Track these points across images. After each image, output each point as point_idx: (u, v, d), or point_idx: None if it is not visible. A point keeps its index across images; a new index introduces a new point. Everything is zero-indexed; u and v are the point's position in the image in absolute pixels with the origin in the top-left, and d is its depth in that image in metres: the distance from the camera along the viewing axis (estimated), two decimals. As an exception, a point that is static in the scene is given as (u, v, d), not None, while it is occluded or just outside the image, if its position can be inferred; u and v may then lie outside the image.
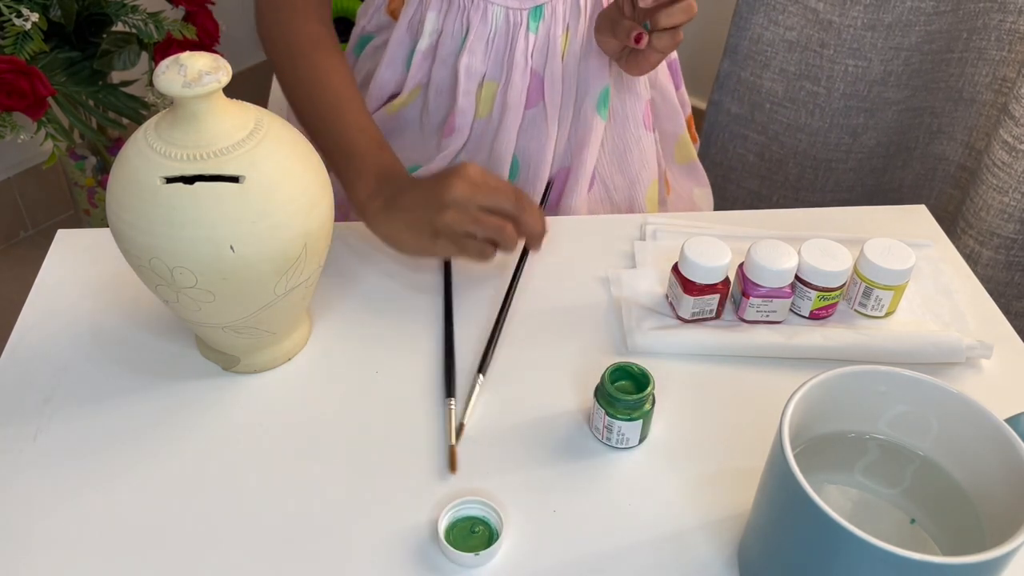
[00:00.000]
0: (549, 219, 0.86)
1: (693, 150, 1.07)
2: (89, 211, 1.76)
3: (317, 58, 0.81)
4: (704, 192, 1.07)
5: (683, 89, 1.05)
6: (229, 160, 0.57)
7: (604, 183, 0.96)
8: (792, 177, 1.42)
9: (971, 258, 1.23)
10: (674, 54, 1.03)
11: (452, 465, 0.63)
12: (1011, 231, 1.17)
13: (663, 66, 1.00)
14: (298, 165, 0.61)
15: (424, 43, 0.90)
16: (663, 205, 1.04)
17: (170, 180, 0.57)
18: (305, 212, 0.60)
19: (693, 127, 1.09)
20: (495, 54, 0.89)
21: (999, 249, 1.19)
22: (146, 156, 0.58)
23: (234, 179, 0.57)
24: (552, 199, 0.94)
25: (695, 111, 1.77)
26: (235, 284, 0.60)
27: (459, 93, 0.89)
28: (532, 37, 0.88)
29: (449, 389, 0.67)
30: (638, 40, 0.79)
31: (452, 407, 0.66)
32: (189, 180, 0.57)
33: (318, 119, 0.79)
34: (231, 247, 0.58)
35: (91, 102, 1.52)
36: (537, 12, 0.87)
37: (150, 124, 0.60)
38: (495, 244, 0.69)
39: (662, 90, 1.01)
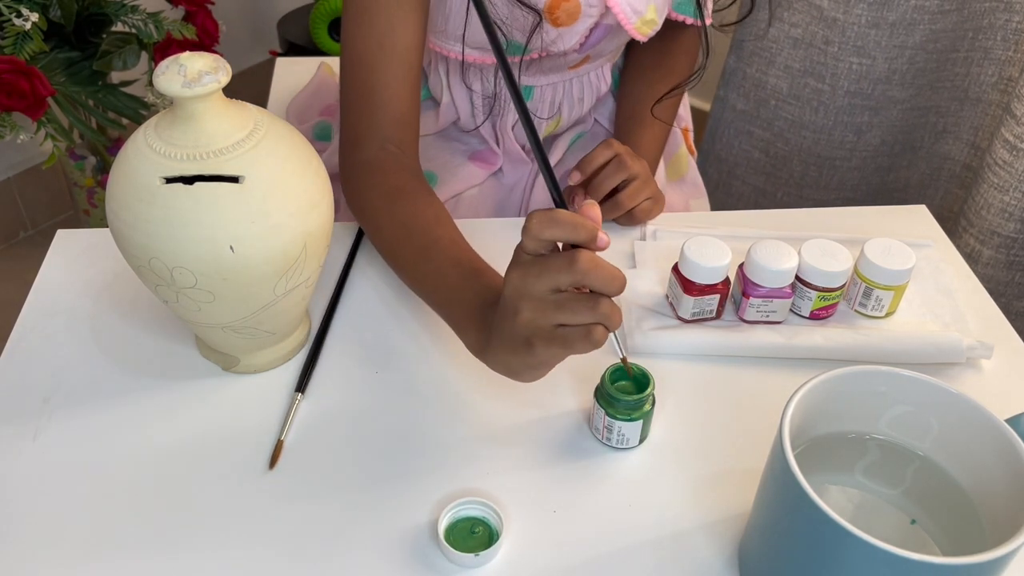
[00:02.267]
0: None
1: (686, 164, 1.07)
2: (89, 211, 1.76)
3: (399, 206, 0.73)
4: (701, 203, 1.07)
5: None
6: (228, 160, 0.57)
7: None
8: (796, 174, 1.42)
9: (972, 257, 1.23)
10: None
11: (273, 460, 0.62)
12: (1011, 230, 1.17)
13: None
14: (298, 165, 0.61)
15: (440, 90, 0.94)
16: None
17: (170, 180, 0.57)
18: (305, 212, 0.60)
19: (690, 139, 1.09)
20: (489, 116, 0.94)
21: (999, 248, 1.19)
22: (146, 156, 0.58)
23: (233, 179, 0.57)
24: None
25: (699, 112, 1.76)
26: (235, 284, 0.60)
27: (487, 140, 0.95)
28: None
29: (301, 384, 0.68)
30: (568, 198, 0.83)
31: (298, 400, 0.66)
32: (189, 180, 0.57)
33: (411, 266, 0.70)
34: (231, 247, 0.58)
35: (91, 102, 1.52)
36: (528, 92, 0.92)
37: (150, 124, 0.60)
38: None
39: None
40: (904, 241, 0.74)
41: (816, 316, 0.74)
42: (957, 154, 1.36)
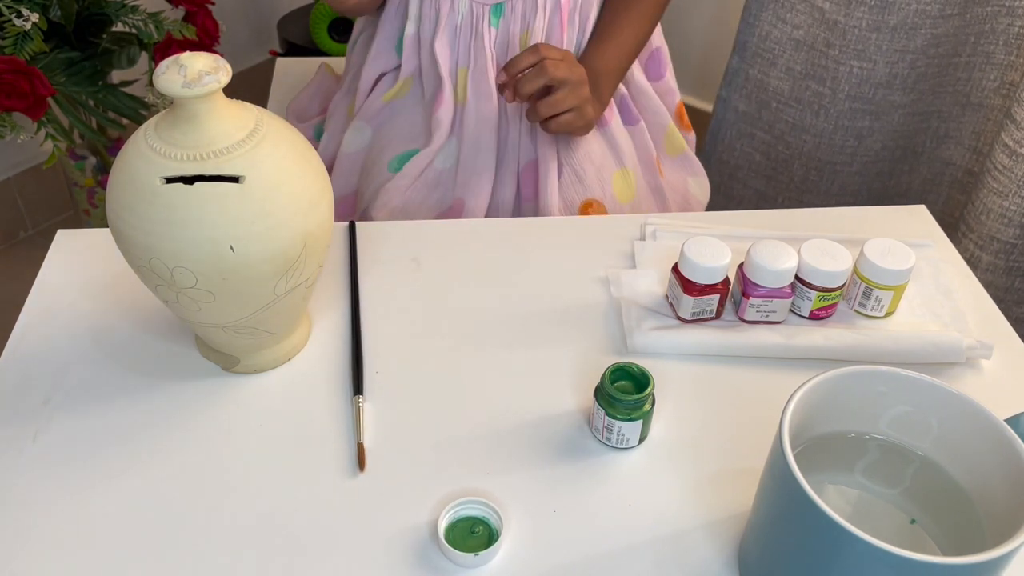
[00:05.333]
0: (547, 220, 0.87)
1: (683, 141, 1.07)
2: (89, 211, 1.76)
3: None
4: (699, 181, 1.08)
5: (667, 78, 1.06)
6: (229, 160, 0.57)
7: (573, 169, 0.98)
8: (797, 178, 1.42)
9: (971, 262, 1.22)
10: (656, 42, 1.04)
11: (361, 463, 0.62)
12: (1011, 236, 1.17)
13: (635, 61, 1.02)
14: (298, 165, 0.61)
15: (410, 28, 0.95)
16: (657, 193, 1.04)
17: (170, 180, 0.57)
18: (305, 212, 0.60)
19: (684, 116, 1.10)
20: (463, 41, 0.94)
21: (999, 254, 1.19)
22: (146, 156, 0.58)
23: (234, 179, 0.57)
24: (527, 193, 0.98)
25: (701, 113, 1.77)
26: (235, 284, 0.60)
27: (442, 76, 0.95)
28: (493, 31, 0.94)
29: (357, 387, 0.67)
30: (501, 91, 0.90)
31: (361, 404, 0.66)
32: (189, 180, 0.57)
33: None
34: (231, 247, 0.58)
35: (91, 102, 1.52)
36: (498, 9, 0.93)
37: (150, 124, 0.60)
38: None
39: (637, 85, 1.02)
40: (904, 241, 0.74)
41: (816, 316, 0.74)
42: (959, 159, 1.35)
